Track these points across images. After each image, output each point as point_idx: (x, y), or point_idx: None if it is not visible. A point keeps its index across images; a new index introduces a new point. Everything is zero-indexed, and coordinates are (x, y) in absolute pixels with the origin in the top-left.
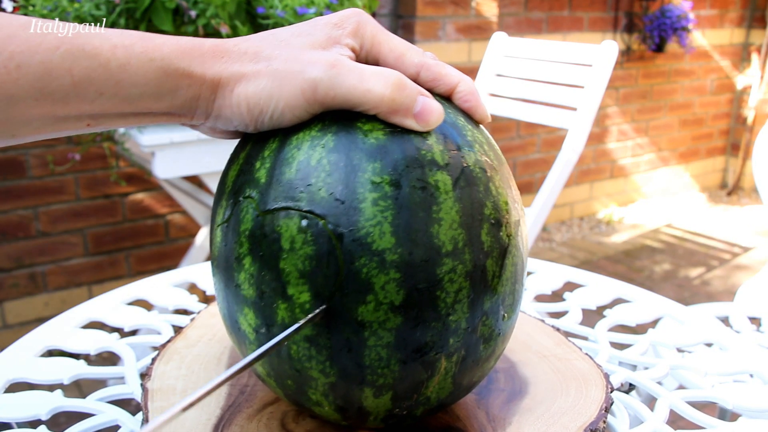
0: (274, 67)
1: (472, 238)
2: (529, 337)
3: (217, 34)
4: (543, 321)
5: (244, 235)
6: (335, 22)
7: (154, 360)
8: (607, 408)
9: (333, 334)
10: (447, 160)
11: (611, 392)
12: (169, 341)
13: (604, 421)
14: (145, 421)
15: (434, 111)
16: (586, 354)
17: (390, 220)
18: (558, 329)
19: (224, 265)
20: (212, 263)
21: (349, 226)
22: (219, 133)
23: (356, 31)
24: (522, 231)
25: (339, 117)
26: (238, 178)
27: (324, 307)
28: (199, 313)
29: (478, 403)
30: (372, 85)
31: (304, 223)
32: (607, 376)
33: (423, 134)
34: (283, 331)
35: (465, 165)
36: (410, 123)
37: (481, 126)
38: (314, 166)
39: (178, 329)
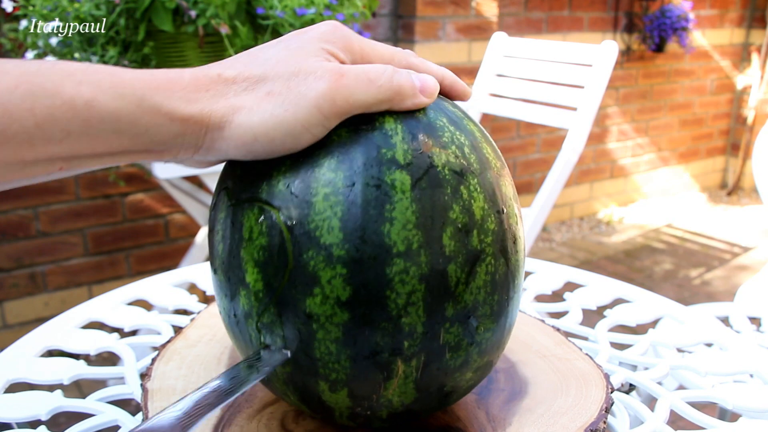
0: (277, 90)
1: (430, 241)
2: (529, 337)
3: (217, 34)
4: (543, 321)
5: (220, 224)
6: (323, 38)
7: (154, 360)
8: (608, 408)
9: (285, 323)
10: (409, 159)
11: (611, 392)
12: (169, 341)
13: (605, 422)
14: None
15: (430, 81)
16: (587, 354)
17: (339, 216)
18: (558, 329)
19: (210, 251)
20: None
21: (300, 219)
22: (205, 164)
23: (346, 45)
24: (509, 239)
25: None
26: (224, 169)
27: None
28: (199, 313)
29: (477, 403)
30: (381, 84)
31: (261, 214)
32: (607, 377)
33: (390, 133)
34: (245, 317)
35: (431, 166)
36: (421, 100)
37: (473, 129)
38: (279, 161)
39: (178, 329)
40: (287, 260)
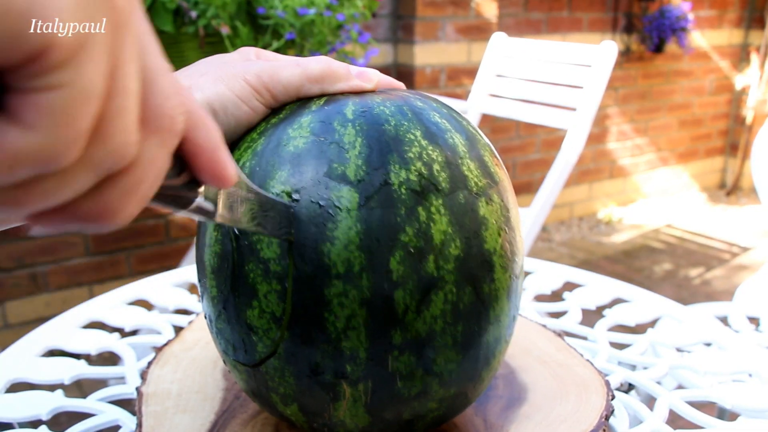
0: (213, 75)
1: (375, 264)
2: (529, 342)
3: (217, 35)
4: (545, 326)
5: (197, 228)
6: (238, 52)
7: (150, 363)
8: (607, 416)
9: (232, 331)
10: (361, 176)
11: (612, 399)
12: (166, 344)
13: (604, 429)
14: (139, 425)
15: (370, 71)
16: (588, 360)
17: None
18: (560, 334)
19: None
20: None
21: (245, 230)
22: None
23: (258, 55)
24: (481, 267)
25: (281, 123)
26: None
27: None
28: (197, 315)
29: (475, 409)
30: (308, 64)
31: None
32: (608, 384)
33: (347, 147)
34: (209, 321)
35: (386, 184)
36: (356, 83)
37: (458, 143)
38: (242, 169)
39: (178, 329)
40: (233, 269)
